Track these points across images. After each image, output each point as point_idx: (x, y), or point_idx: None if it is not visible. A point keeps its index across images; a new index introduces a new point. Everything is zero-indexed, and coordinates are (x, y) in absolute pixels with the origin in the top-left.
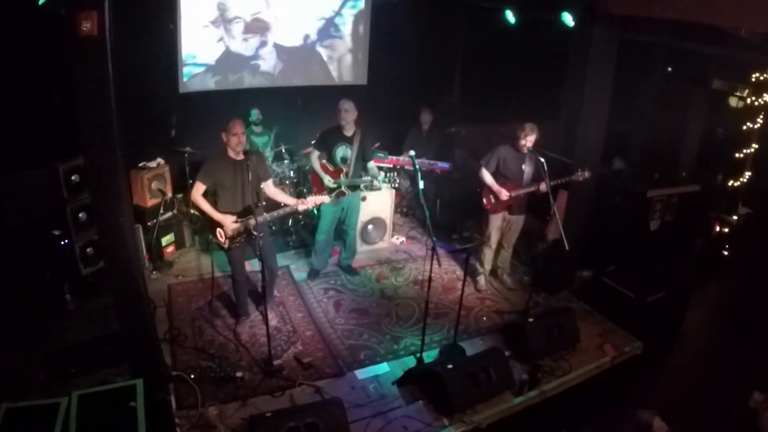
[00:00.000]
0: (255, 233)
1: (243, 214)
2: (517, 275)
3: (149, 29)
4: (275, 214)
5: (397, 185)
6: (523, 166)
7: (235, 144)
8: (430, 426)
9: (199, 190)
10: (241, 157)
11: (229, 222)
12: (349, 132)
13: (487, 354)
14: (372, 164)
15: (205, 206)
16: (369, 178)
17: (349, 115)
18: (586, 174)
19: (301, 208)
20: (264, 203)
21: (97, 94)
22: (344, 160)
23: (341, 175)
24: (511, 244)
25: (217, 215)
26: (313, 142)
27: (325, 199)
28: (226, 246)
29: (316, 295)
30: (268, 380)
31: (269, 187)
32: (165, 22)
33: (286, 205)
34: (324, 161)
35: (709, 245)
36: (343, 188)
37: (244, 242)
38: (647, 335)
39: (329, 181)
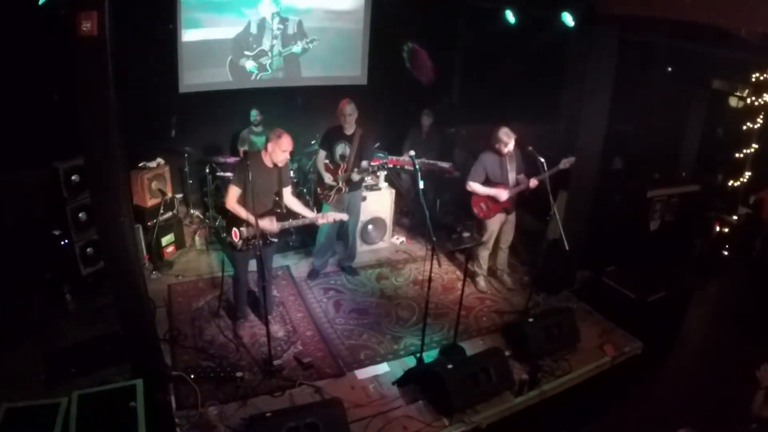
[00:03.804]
0: (270, 239)
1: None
2: (517, 275)
3: (149, 29)
4: (294, 222)
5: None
6: (508, 167)
7: (282, 160)
8: (430, 426)
9: (235, 195)
10: (271, 164)
11: (269, 223)
12: (349, 131)
13: (487, 354)
14: (365, 163)
15: (243, 212)
16: (359, 174)
17: (351, 118)
18: (571, 159)
19: (320, 222)
20: (284, 211)
21: (97, 94)
22: (343, 157)
23: (339, 171)
24: (507, 244)
25: (258, 219)
26: (312, 142)
27: (344, 216)
28: (239, 247)
29: (316, 295)
30: (268, 380)
31: (287, 195)
32: (165, 22)
33: (304, 217)
34: (327, 161)
35: (709, 245)
36: (340, 184)
37: (256, 246)
38: (647, 335)
39: (329, 179)
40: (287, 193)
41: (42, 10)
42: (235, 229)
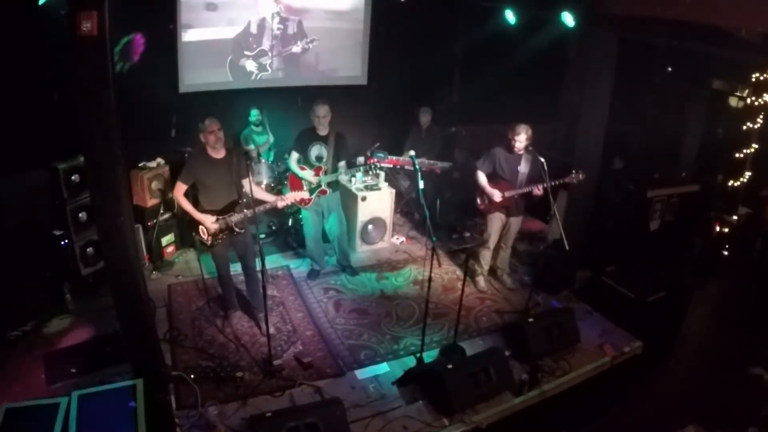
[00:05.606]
0: (236, 230)
1: (224, 211)
2: (517, 275)
3: (149, 29)
4: (255, 210)
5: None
6: (519, 167)
7: (214, 142)
8: (430, 426)
9: (180, 189)
10: (221, 154)
11: (209, 222)
12: (323, 132)
13: (487, 354)
14: (342, 163)
15: (187, 206)
16: (344, 174)
17: (325, 119)
18: (581, 176)
19: (280, 204)
20: (245, 200)
21: (97, 94)
22: (319, 159)
23: (320, 173)
24: (510, 244)
25: (197, 215)
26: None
27: (305, 195)
28: (208, 243)
29: (316, 295)
30: (268, 380)
31: (247, 184)
32: (165, 22)
33: (265, 202)
34: (301, 164)
35: (709, 245)
36: (323, 186)
37: (226, 239)
38: (647, 335)
39: (307, 184)
40: (247, 183)
41: (42, 10)
42: (201, 227)
